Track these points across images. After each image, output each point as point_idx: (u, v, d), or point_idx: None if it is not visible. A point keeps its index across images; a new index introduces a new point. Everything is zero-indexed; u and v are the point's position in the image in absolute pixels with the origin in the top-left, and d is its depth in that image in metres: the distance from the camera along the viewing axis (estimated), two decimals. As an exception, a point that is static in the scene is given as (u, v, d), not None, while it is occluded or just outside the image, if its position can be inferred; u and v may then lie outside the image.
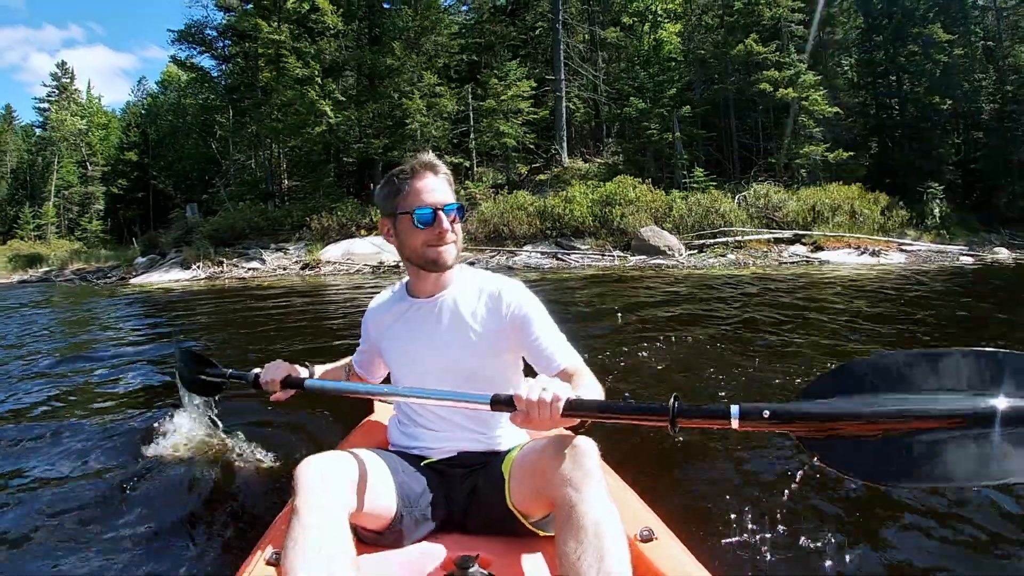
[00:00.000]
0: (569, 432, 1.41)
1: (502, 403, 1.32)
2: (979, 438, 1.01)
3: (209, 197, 30.00)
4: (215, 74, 29.75)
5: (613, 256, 17.51)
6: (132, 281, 20.58)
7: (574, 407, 1.26)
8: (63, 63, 46.65)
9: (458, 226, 1.61)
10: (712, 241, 18.01)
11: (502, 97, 22.42)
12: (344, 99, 22.12)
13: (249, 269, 19.96)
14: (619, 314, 6.84)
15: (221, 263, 20.52)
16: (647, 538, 1.42)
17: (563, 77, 24.52)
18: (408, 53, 21.75)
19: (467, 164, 23.61)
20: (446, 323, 1.64)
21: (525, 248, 18.88)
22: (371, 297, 1.89)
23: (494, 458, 1.63)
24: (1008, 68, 25.79)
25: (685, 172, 21.12)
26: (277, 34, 22.57)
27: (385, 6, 23.57)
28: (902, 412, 1.06)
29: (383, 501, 1.46)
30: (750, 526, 2.02)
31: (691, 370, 4.16)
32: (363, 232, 20.28)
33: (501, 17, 27.17)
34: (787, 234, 18.59)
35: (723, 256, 17.05)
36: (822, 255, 17.24)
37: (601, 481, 1.29)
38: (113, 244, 37.38)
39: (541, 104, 24.60)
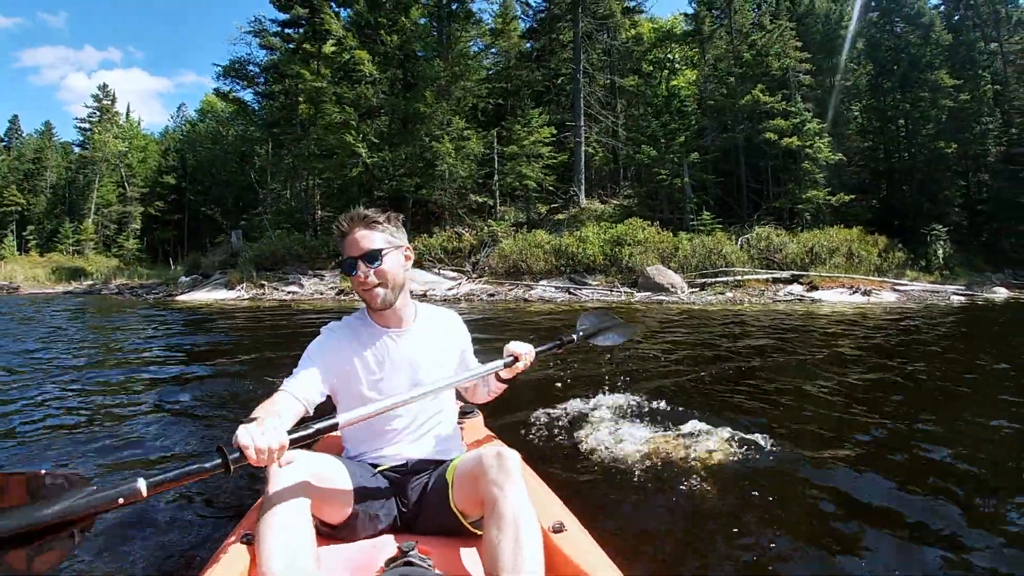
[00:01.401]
0: (498, 445, 1.87)
1: (509, 366, 2.10)
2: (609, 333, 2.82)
3: (247, 223, 33.54)
4: (255, 107, 33.44)
5: (621, 292, 20.32)
6: (179, 297, 23.92)
7: (538, 353, 2.18)
8: (104, 85, 51.32)
9: (386, 267, 1.90)
10: (713, 280, 20.73)
11: (524, 142, 25.61)
12: (378, 141, 25.38)
13: (289, 292, 23.02)
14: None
15: (263, 286, 23.73)
16: (558, 530, 1.71)
17: (583, 123, 27.55)
18: (439, 101, 25.03)
19: (491, 203, 26.81)
20: (418, 349, 2.01)
21: (541, 283, 21.80)
22: None
23: (439, 466, 1.97)
24: (1015, 111, 28.13)
25: (693, 216, 23.85)
26: (318, 81, 26.07)
27: (419, 55, 26.83)
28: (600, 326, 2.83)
29: (341, 499, 1.77)
30: (650, 521, 2.56)
31: (653, 377, 5.70)
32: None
33: (527, 63, 30.40)
34: (785, 274, 21.22)
35: (721, 294, 19.71)
36: (816, 294, 19.63)
37: (520, 482, 1.65)
38: (148, 263, 41.15)
39: (563, 147, 27.61)
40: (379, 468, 1.96)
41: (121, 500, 1.27)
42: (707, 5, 28.70)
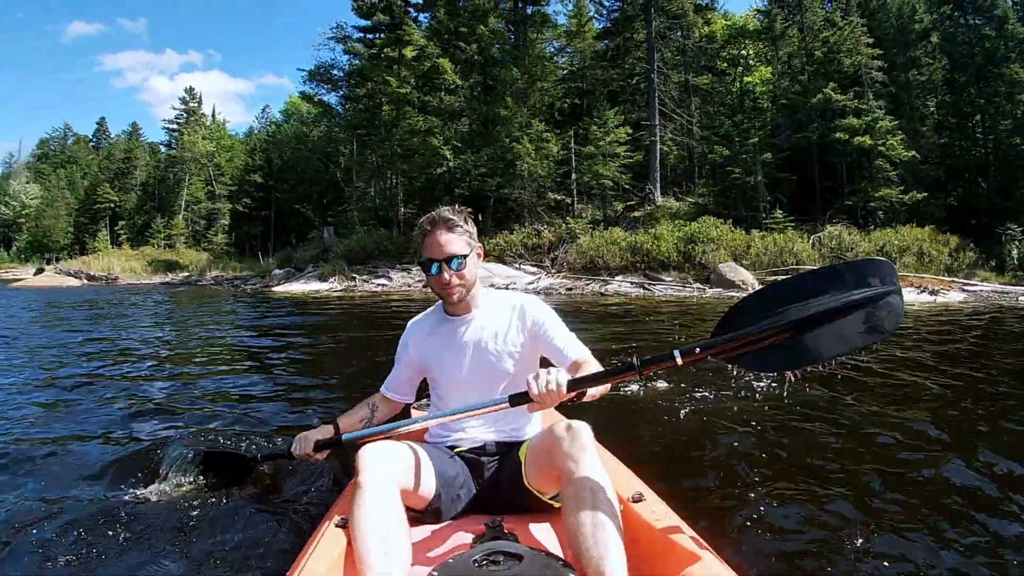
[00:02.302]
0: (568, 420, 1.82)
1: (519, 399, 1.74)
2: (835, 324, 1.53)
3: (334, 220, 36.34)
4: (340, 110, 35.85)
5: (693, 288, 21.91)
6: (275, 288, 26.23)
7: (573, 385, 1.68)
8: (191, 88, 55.38)
9: (467, 270, 2.06)
10: (783, 277, 21.99)
11: (600, 143, 27.25)
12: (460, 145, 27.50)
13: (379, 284, 25.33)
14: (677, 324, 11.10)
15: (354, 279, 26.13)
16: (638, 499, 1.84)
17: (657, 122, 28.84)
18: (519, 106, 27.00)
19: (569, 201, 28.69)
20: (480, 333, 2.14)
21: (616, 278, 23.57)
22: None
23: (513, 447, 2.11)
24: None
25: (765, 214, 25.18)
26: (403, 87, 28.40)
27: (498, 58, 28.69)
28: (785, 321, 1.56)
29: (425, 482, 1.90)
30: (721, 490, 2.77)
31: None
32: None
33: (601, 63, 31.85)
34: (854, 272, 22.29)
35: (792, 291, 21.04)
36: (884, 292, 20.77)
37: (594, 454, 1.70)
38: (236, 257, 44.45)
39: (638, 146, 28.98)
40: (456, 450, 2.15)
41: (265, 458, 2.55)
42: (778, 2, 29.63)
